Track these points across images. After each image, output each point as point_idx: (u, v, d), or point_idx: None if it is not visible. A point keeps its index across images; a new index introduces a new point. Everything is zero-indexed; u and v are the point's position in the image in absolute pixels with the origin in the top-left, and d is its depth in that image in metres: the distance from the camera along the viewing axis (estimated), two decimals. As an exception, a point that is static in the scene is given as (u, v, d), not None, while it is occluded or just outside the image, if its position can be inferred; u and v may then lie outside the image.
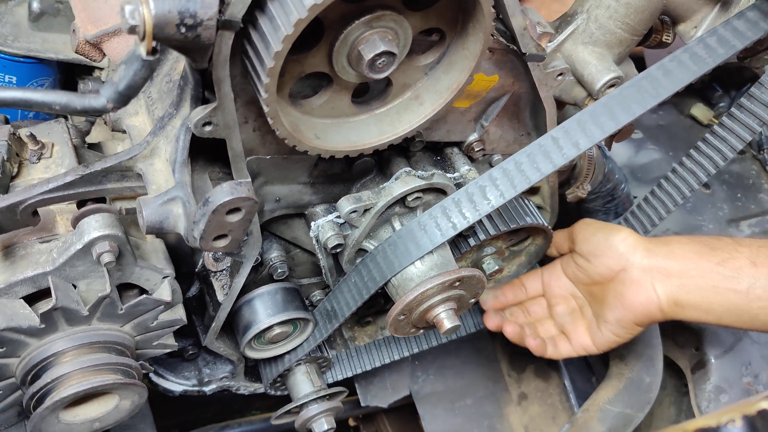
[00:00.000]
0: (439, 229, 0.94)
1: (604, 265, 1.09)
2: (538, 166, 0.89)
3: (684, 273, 1.00)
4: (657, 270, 1.02)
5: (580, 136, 0.88)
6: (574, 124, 0.88)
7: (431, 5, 0.73)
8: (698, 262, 1.00)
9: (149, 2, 0.54)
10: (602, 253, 1.08)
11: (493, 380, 1.64)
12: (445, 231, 0.93)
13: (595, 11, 0.95)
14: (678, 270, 1.01)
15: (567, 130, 0.89)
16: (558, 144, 0.88)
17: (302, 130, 0.76)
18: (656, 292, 1.02)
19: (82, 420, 0.86)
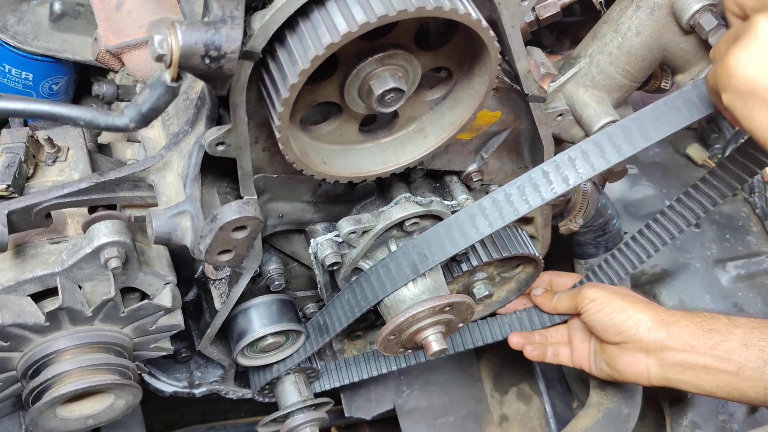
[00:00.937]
0: (432, 253, 0.97)
1: (607, 337, 1.16)
2: (527, 199, 0.91)
3: (679, 354, 1.08)
4: (654, 349, 1.10)
5: (570, 171, 0.91)
6: (565, 160, 0.92)
7: (441, 46, 0.77)
8: (694, 345, 1.07)
9: (178, 34, 0.57)
10: (606, 330, 1.15)
11: (476, 400, 1.68)
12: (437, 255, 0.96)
13: (597, 56, 0.99)
14: (674, 351, 1.08)
15: (558, 164, 0.92)
16: (548, 178, 0.91)
17: (310, 155, 0.79)
18: (648, 369, 1.11)
19: (77, 416, 0.89)
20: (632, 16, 0.95)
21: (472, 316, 1.06)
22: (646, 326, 1.12)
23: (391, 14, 0.63)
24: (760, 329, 1.06)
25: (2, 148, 0.85)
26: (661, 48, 0.96)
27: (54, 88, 1.27)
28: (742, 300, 1.56)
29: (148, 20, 0.93)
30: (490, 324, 1.33)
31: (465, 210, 0.94)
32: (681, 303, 1.54)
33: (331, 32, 0.64)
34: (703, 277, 1.57)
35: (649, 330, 1.12)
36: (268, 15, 0.64)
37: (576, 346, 1.25)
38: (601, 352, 1.20)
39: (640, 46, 0.96)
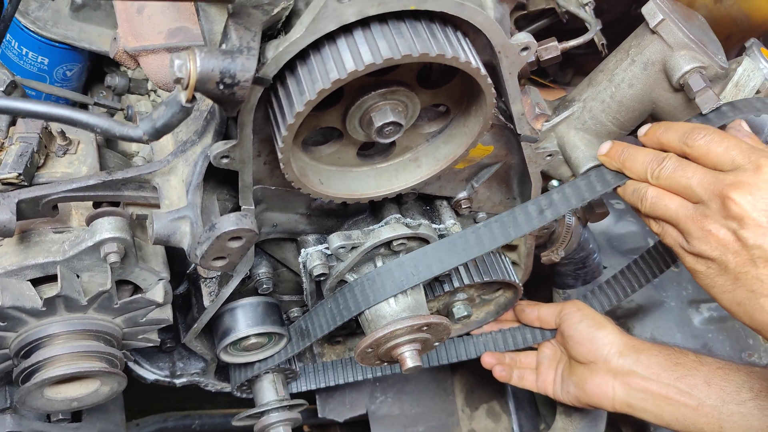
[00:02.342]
0: (416, 272, 1.02)
1: (580, 353, 1.22)
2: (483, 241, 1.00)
3: (645, 381, 1.14)
4: (622, 373, 1.16)
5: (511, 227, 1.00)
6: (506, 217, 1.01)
7: (442, 85, 0.82)
8: (660, 374, 1.13)
9: (197, 60, 0.61)
10: (582, 342, 1.21)
11: (447, 412, 1.72)
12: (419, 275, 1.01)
13: (590, 102, 1.04)
14: (640, 378, 1.14)
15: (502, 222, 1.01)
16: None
17: (309, 175, 0.84)
18: (614, 391, 1.16)
19: (62, 398, 0.93)
20: (627, 69, 1.00)
21: (448, 337, 1.11)
22: (618, 348, 1.17)
23: (396, 57, 0.68)
24: (723, 370, 1.11)
25: (17, 137, 0.89)
26: (651, 101, 1.01)
27: (68, 74, 1.31)
28: (711, 341, 1.61)
29: (167, 27, 0.96)
30: (466, 342, 1.38)
31: (448, 238, 0.99)
32: (653, 339, 1.59)
33: (339, 68, 0.68)
34: (676, 316, 1.62)
35: (620, 353, 1.17)
36: (282, 46, 0.68)
37: (542, 372, 1.30)
38: (569, 375, 1.25)
39: (631, 97, 1.01)
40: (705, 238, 0.83)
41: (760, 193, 0.80)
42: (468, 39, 0.77)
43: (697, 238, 0.84)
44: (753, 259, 0.80)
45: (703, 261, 0.85)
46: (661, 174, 0.90)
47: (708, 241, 0.83)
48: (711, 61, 0.95)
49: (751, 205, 0.80)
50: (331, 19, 0.67)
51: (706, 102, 0.93)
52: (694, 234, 0.84)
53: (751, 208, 0.80)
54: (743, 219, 0.80)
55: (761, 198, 0.80)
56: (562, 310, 1.28)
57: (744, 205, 0.80)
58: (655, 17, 0.95)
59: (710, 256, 0.83)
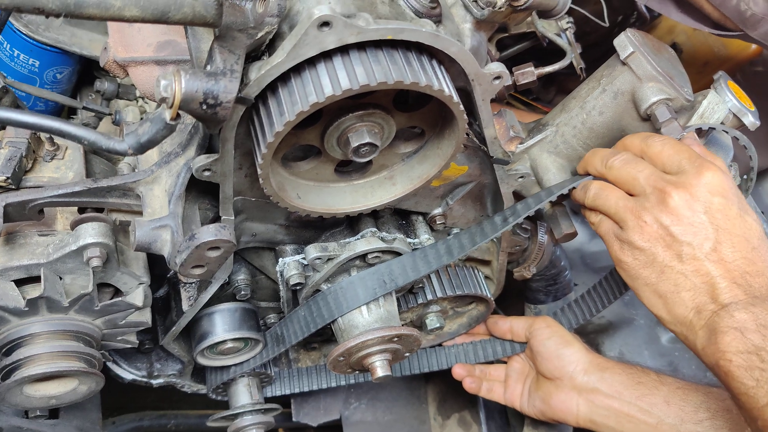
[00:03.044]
0: (384, 283, 1.06)
1: (547, 369, 1.26)
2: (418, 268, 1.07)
3: (607, 399, 1.18)
4: (586, 390, 1.20)
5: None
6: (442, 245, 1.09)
7: (417, 109, 0.86)
8: (622, 392, 1.18)
9: (182, 81, 0.65)
10: (550, 358, 1.25)
11: (419, 420, 1.76)
12: (389, 285, 1.05)
13: (563, 128, 1.08)
14: (603, 395, 1.19)
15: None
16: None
17: (287, 189, 0.87)
18: (578, 407, 1.21)
19: (41, 395, 0.96)
20: (598, 97, 1.04)
21: (419, 348, 1.15)
22: (583, 366, 1.22)
23: (372, 84, 0.72)
24: (683, 390, 1.16)
25: (6, 141, 0.92)
26: (620, 129, 1.05)
27: (57, 77, 1.33)
28: (678, 360, 1.66)
29: (157, 40, 1.00)
30: (438, 353, 1.42)
31: (414, 253, 1.05)
32: (620, 355, 1.64)
33: (318, 92, 0.72)
34: (644, 334, 1.67)
35: (585, 371, 1.22)
36: (264, 69, 0.72)
37: (510, 385, 1.34)
38: (536, 390, 1.29)
39: (601, 124, 1.05)
40: (639, 228, 0.87)
41: (697, 194, 0.84)
42: (443, 67, 0.81)
43: (632, 227, 0.88)
44: (680, 255, 0.84)
45: (631, 251, 0.88)
46: (615, 164, 0.95)
47: (641, 231, 0.87)
48: (677, 93, 0.99)
49: (686, 204, 0.84)
50: (312, 45, 0.70)
51: (671, 132, 0.97)
52: (629, 223, 0.88)
53: (687, 206, 0.84)
54: (678, 215, 0.84)
55: (697, 199, 0.84)
56: (532, 324, 1.32)
57: (680, 203, 0.85)
58: (626, 50, 1.00)
59: (640, 246, 0.86)
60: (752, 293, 0.79)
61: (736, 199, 0.85)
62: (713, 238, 0.82)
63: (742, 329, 0.75)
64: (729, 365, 0.75)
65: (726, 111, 1.04)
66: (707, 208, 0.84)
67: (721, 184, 0.85)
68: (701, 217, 0.84)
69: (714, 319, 0.79)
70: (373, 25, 0.70)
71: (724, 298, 0.80)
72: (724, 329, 0.76)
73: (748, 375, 0.73)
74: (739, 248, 0.82)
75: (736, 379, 0.75)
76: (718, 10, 1.08)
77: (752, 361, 0.73)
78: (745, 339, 0.75)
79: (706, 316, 0.80)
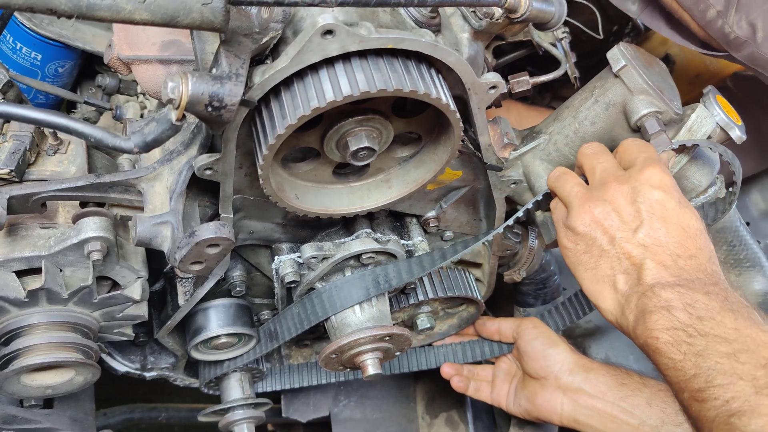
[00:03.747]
0: (377, 284, 1.09)
1: (533, 369, 1.29)
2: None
3: (591, 399, 1.21)
4: (571, 389, 1.23)
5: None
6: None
7: (415, 115, 0.88)
8: (606, 393, 1.21)
9: (188, 84, 0.67)
10: (536, 358, 1.28)
11: (408, 419, 1.78)
12: (383, 286, 1.08)
13: (556, 136, 1.11)
14: (587, 395, 1.22)
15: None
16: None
17: (286, 190, 0.89)
18: (562, 406, 1.24)
19: (38, 385, 0.98)
20: (590, 108, 1.07)
21: (409, 347, 1.17)
22: (568, 366, 1.25)
23: (372, 91, 0.74)
24: (665, 393, 1.19)
25: (10, 135, 0.93)
26: (611, 139, 1.08)
27: (59, 71, 1.35)
28: (662, 365, 1.69)
29: (161, 39, 1.02)
30: (427, 352, 1.45)
31: (409, 260, 1.08)
32: (607, 359, 1.67)
33: (319, 97, 0.74)
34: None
35: (570, 371, 1.25)
36: (268, 74, 0.74)
37: (497, 385, 1.37)
38: (522, 389, 1.32)
39: (593, 134, 1.08)
40: (581, 214, 0.90)
41: (638, 188, 0.88)
42: (441, 75, 0.84)
43: (575, 213, 0.91)
44: (614, 240, 0.87)
45: (573, 237, 0.91)
46: (585, 152, 0.99)
47: (582, 217, 0.90)
48: (667, 106, 1.02)
49: (626, 196, 0.88)
50: (315, 52, 0.73)
51: (660, 144, 1.00)
52: (574, 209, 0.92)
53: (626, 197, 0.88)
54: (616, 204, 0.88)
55: (637, 192, 0.88)
56: (519, 325, 1.35)
57: (621, 194, 0.89)
58: (618, 62, 1.02)
59: (580, 231, 0.90)
60: (681, 275, 0.81)
61: (677, 195, 0.88)
62: (647, 225, 0.85)
63: (669, 308, 0.77)
64: (656, 342, 0.77)
65: (713, 125, 1.07)
66: (645, 199, 0.87)
67: (662, 179, 0.88)
68: (639, 207, 0.87)
69: (642, 300, 0.81)
70: (375, 34, 0.73)
71: (651, 279, 0.82)
72: (652, 309, 0.78)
73: (675, 350, 0.75)
74: (673, 234, 0.85)
75: (664, 355, 0.76)
76: (704, 30, 1.11)
77: (679, 337, 0.75)
78: (672, 317, 0.77)
79: (635, 298, 0.82)
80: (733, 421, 0.68)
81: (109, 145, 0.72)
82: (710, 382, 0.71)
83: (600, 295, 0.88)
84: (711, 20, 1.08)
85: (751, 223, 1.77)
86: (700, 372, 0.73)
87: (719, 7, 1.07)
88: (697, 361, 0.73)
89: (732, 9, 1.07)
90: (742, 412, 0.68)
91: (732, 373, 0.71)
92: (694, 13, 1.09)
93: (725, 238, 1.18)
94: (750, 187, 1.77)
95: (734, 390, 0.70)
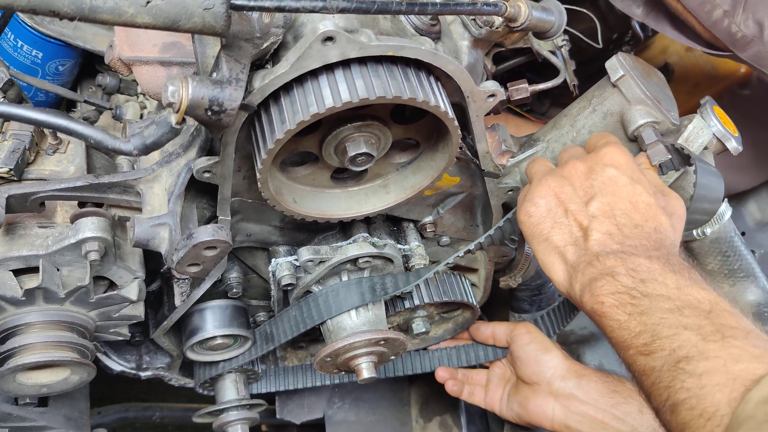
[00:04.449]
0: (373, 290, 1.09)
1: (526, 373, 1.29)
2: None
3: (583, 405, 1.22)
4: (563, 395, 1.24)
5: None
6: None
7: (413, 121, 0.89)
8: (598, 400, 1.21)
9: (189, 88, 0.68)
10: (529, 363, 1.29)
11: (401, 422, 1.79)
12: (378, 293, 1.08)
13: (553, 144, 1.12)
14: (579, 401, 1.22)
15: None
16: None
17: (284, 193, 0.90)
18: (553, 412, 1.24)
19: (33, 383, 0.98)
20: (588, 117, 1.08)
21: (404, 351, 1.18)
22: (560, 372, 1.26)
23: (371, 98, 0.75)
24: None
25: (10, 134, 0.94)
26: (608, 148, 1.08)
27: (60, 69, 1.35)
28: (655, 373, 1.69)
29: (162, 41, 1.02)
30: (422, 356, 1.45)
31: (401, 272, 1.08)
32: (600, 366, 1.67)
33: (318, 103, 0.75)
34: (624, 346, 1.70)
35: (562, 377, 1.25)
36: (268, 79, 0.74)
37: (491, 390, 1.38)
38: (515, 394, 1.32)
39: (590, 143, 1.09)
40: (540, 186, 0.92)
41: (593, 167, 0.91)
42: (440, 82, 0.84)
43: (535, 186, 0.94)
44: (567, 210, 0.90)
45: (532, 206, 0.93)
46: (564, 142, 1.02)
47: (540, 189, 0.92)
48: (664, 117, 1.03)
49: (582, 173, 0.91)
50: (316, 58, 0.73)
51: (656, 154, 1.01)
52: (534, 183, 0.95)
53: (581, 174, 0.91)
54: (571, 179, 0.92)
55: (592, 170, 0.91)
56: (513, 329, 1.35)
57: (577, 171, 0.92)
58: (617, 72, 1.03)
59: (537, 202, 0.92)
60: (625, 242, 0.84)
61: (629, 172, 0.90)
62: (598, 199, 0.88)
63: (613, 273, 0.79)
64: (602, 307, 0.79)
65: (710, 135, 1.07)
66: (598, 176, 0.90)
67: (615, 158, 0.91)
68: (592, 182, 0.90)
69: (588, 270, 0.83)
70: (375, 42, 0.73)
71: (597, 247, 0.84)
72: (597, 276, 0.81)
73: (621, 311, 0.77)
74: (621, 207, 0.87)
75: (610, 317, 0.78)
76: (709, 31, 1.12)
77: (623, 299, 0.77)
78: (616, 282, 0.79)
79: (582, 267, 0.84)
80: (681, 366, 0.69)
81: (108, 147, 0.72)
82: (656, 335, 0.73)
83: (552, 267, 0.90)
84: (717, 20, 1.09)
85: (747, 233, 1.78)
86: (645, 329, 0.74)
87: (726, 6, 1.08)
88: (642, 319, 0.75)
89: (739, 8, 1.08)
90: (689, 357, 0.69)
91: (677, 325, 0.72)
92: (700, 15, 1.10)
93: (719, 248, 1.19)
94: (746, 198, 1.78)
95: (680, 339, 0.71)
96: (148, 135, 0.71)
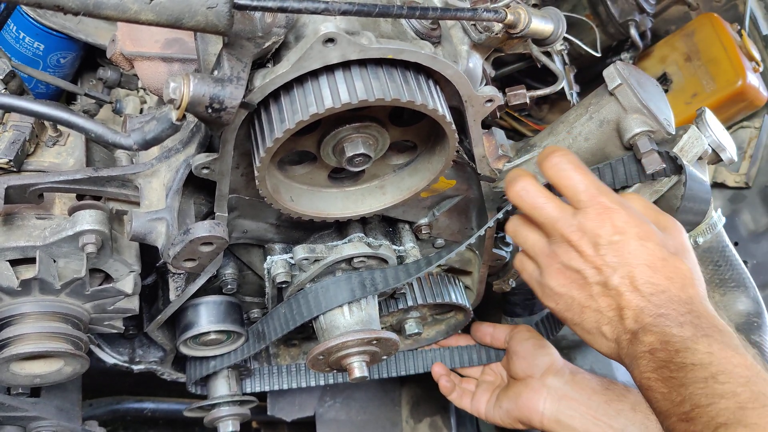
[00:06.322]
0: (363, 287, 1.10)
1: (521, 368, 1.30)
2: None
3: (575, 401, 1.23)
4: (555, 390, 1.25)
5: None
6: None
7: (412, 124, 0.90)
8: (591, 396, 1.22)
9: (190, 85, 0.68)
10: (525, 356, 1.30)
11: (392, 422, 1.79)
12: (369, 289, 1.09)
13: (549, 150, 1.13)
14: (572, 397, 1.23)
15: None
16: None
17: (281, 192, 0.91)
18: (544, 406, 1.25)
19: (26, 373, 0.99)
20: (585, 124, 1.09)
21: (397, 351, 1.19)
22: (555, 367, 1.27)
23: (371, 100, 0.75)
24: None
25: (11, 125, 0.94)
26: (604, 156, 1.09)
27: (61, 61, 1.35)
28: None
29: (164, 37, 1.03)
30: (414, 357, 1.46)
31: (395, 267, 1.09)
32: (591, 371, 1.68)
33: (318, 104, 0.76)
34: (615, 352, 1.71)
35: (556, 372, 1.26)
36: (269, 78, 0.75)
37: (477, 394, 1.38)
38: (505, 393, 1.33)
39: (586, 150, 1.09)
40: (554, 274, 0.92)
41: (596, 240, 0.89)
42: (439, 86, 0.85)
43: (548, 273, 0.93)
44: (592, 294, 0.90)
45: (552, 297, 0.93)
46: (523, 196, 0.96)
47: (556, 277, 0.92)
48: (660, 126, 1.04)
49: (586, 248, 0.90)
50: (316, 59, 0.74)
51: (651, 163, 1.02)
52: (545, 269, 0.94)
53: (592, 248, 0.90)
54: (585, 257, 0.90)
55: (595, 245, 0.89)
56: (513, 329, 1.37)
57: (581, 248, 0.90)
58: (614, 81, 1.04)
59: (558, 291, 0.92)
60: (657, 312, 0.85)
61: (634, 230, 0.90)
62: (618, 274, 0.88)
63: (652, 350, 0.83)
64: (648, 382, 0.83)
65: (705, 146, 1.08)
66: (607, 250, 0.89)
67: (613, 223, 0.90)
68: (603, 258, 0.89)
69: (630, 347, 0.86)
70: (375, 44, 0.74)
71: (632, 325, 0.86)
72: (639, 355, 0.84)
73: (663, 385, 0.81)
74: (641, 276, 0.88)
75: (655, 390, 0.82)
76: None
77: (664, 374, 0.81)
78: (656, 358, 0.82)
79: (625, 345, 0.87)
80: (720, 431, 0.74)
81: (109, 141, 0.73)
82: (695, 404, 0.77)
83: (595, 343, 0.92)
84: None
85: (740, 243, 1.79)
86: (684, 399, 0.78)
87: None
88: (681, 390, 0.79)
89: None
90: (728, 424, 0.74)
91: (713, 394, 0.76)
92: None
93: (711, 258, 1.20)
94: (740, 208, 1.79)
95: (718, 408, 0.75)
96: (149, 130, 0.71)
